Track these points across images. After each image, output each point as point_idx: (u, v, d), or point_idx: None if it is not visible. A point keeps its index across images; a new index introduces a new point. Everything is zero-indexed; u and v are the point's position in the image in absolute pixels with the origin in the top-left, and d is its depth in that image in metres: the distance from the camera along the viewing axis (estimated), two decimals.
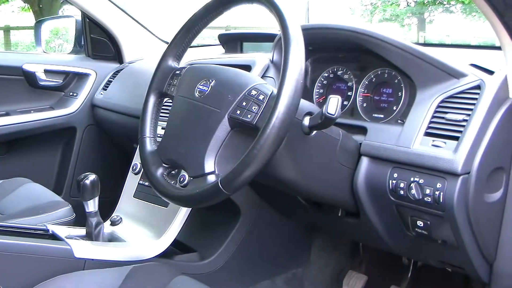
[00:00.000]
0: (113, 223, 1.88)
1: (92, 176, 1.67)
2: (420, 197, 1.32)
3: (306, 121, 1.30)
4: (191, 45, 1.51)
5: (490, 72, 1.40)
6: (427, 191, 1.31)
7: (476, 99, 1.33)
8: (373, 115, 1.60)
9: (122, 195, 2.00)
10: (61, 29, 3.38)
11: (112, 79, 2.71)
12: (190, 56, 2.02)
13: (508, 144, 1.34)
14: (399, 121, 1.52)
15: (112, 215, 1.92)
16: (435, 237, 1.39)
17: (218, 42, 2.60)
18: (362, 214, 1.53)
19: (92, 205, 1.68)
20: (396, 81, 1.57)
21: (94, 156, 2.82)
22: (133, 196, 1.96)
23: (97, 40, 2.85)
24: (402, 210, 1.40)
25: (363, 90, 1.65)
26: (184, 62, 1.62)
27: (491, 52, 1.70)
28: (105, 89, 2.69)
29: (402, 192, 1.36)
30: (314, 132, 1.32)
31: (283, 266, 2.19)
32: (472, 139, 1.27)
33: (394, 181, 1.38)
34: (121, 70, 2.72)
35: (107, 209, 1.94)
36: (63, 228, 1.72)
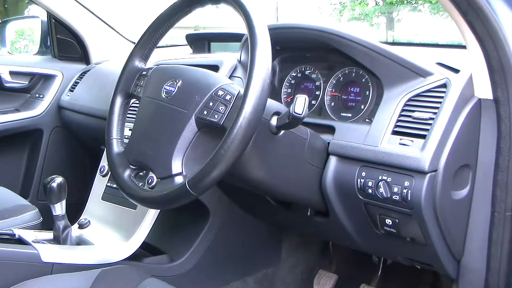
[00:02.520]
0: (81, 226, 1.86)
1: (59, 179, 1.65)
2: (388, 196, 1.33)
3: (274, 121, 1.30)
4: (158, 45, 1.50)
5: (456, 71, 1.41)
6: (395, 190, 1.32)
7: (442, 97, 1.34)
8: (341, 114, 1.60)
9: (90, 197, 1.99)
10: (27, 30, 3.35)
11: (79, 80, 2.68)
12: (157, 57, 2.01)
13: (473, 141, 1.35)
14: (367, 120, 1.53)
15: (80, 218, 1.91)
16: (403, 235, 1.40)
17: (186, 42, 2.59)
18: (331, 213, 1.53)
19: (59, 208, 1.66)
20: (363, 80, 1.58)
21: (61, 158, 2.79)
22: (101, 199, 1.95)
23: (63, 41, 2.82)
24: (370, 208, 1.41)
25: (331, 89, 1.65)
26: (151, 62, 1.61)
27: (458, 51, 1.71)
28: (72, 91, 2.67)
29: (370, 190, 1.36)
30: (282, 132, 1.33)
31: (253, 266, 2.19)
32: (439, 137, 1.28)
33: (362, 180, 1.38)
34: (88, 71, 2.70)
35: (74, 212, 1.93)
36: (30, 232, 1.70)
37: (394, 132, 1.36)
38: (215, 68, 1.79)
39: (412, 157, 1.29)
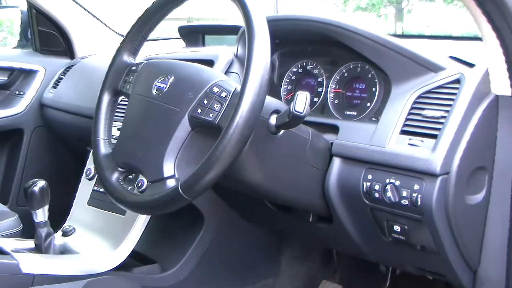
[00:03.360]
0: (65, 234, 1.86)
1: (41, 183, 1.65)
2: (396, 200, 1.33)
3: (273, 119, 1.31)
4: (148, 38, 1.50)
5: (471, 65, 1.41)
6: (404, 194, 1.32)
7: (455, 94, 1.34)
8: (345, 112, 1.61)
9: (75, 203, 1.99)
10: (5, 21, 3.34)
11: (62, 76, 2.68)
12: (147, 51, 2.01)
13: (490, 141, 1.35)
14: (373, 118, 1.53)
15: (64, 225, 1.91)
16: (413, 243, 1.40)
17: (178, 35, 2.60)
18: (334, 219, 1.54)
19: (41, 215, 1.67)
20: (369, 75, 1.58)
21: (44, 160, 2.79)
22: (87, 204, 1.95)
23: (45, 33, 2.81)
24: (377, 214, 1.41)
25: (334, 85, 1.66)
26: (141, 57, 1.61)
27: (473, 43, 1.71)
28: (55, 87, 2.67)
29: (377, 194, 1.37)
30: (282, 131, 1.33)
31: (251, 276, 2.19)
32: (451, 137, 1.28)
33: (368, 183, 1.38)
34: (73, 66, 2.70)
35: (58, 219, 1.92)
36: (9, 240, 1.70)
37: (403, 132, 1.36)
38: (209, 63, 1.79)
39: (422, 159, 1.29)
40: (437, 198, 1.28)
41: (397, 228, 1.39)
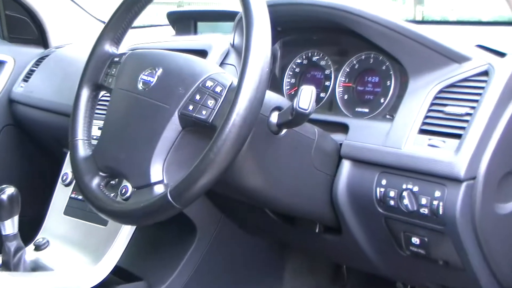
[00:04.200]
0: (37, 248, 1.85)
1: (10, 190, 1.65)
2: (415, 209, 1.33)
3: (274, 117, 1.31)
4: (133, 25, 1.51)
5: (501, 54, 1.40)
6: (423, 201, 1.31)
7: (482, 87, 1.33)
8: (356, 109, 1.61)
9: (49, 212, 1.99)
10: None
11: (35, 68, 2.68)
12: (132, 40, 2.01)
13: None
14: (387, 116, 1.53)
15: (37, 238, 1.90)
16: (434, 257, 1.40)
17: (167, 22, 2.60)
18: (344, 229, 1.54)
19: (10, 226, 1.66)
20: (383, 67, 1.58)
21: (13, 164, 2.78)
22: (63, 213, 1.95)
23: (14, 19, 2.81)
24: (392, 224, 1.41)
25: (343, 79, 1.66)
26: (125, 47, 1.62)
27: (505, 29, 1.70)
28: (26, 81, 2.66)
29: (392, 202, 1.36)
30: (284, 130, 1.33)
31: None
32: (478, 137, 1.27)
33: (382, 189, 1.38)
34: (46, 56, 2.70)
35: (30, 231, 1.92)
36: None
37: (422, 131, 1.36)
38: (202, 53, 1.80)
39: (444, 162, 1.29)
40: (462, 206, 1.27)
41: (415, 240, 1.39)
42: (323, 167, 1.47)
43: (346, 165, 1.47)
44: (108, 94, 1.46)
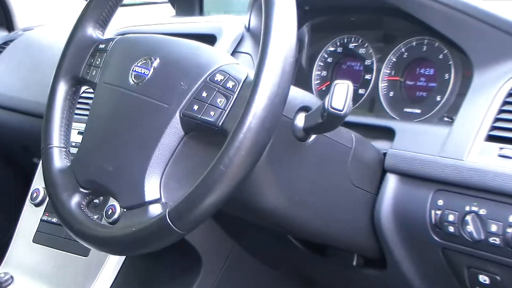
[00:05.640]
0: None
1: None
2: (482, 237, 1.31)
3: (300, 120, 1.30)
4: (123, 2, 1.50)
5: None
6: (493, 228, 1.29)
7: None
8: (405, 109, 1.61)
9: (14, 239, 1.99)
10: None
11: None
12: (122, 21, 2.01)
13: None
14: (445, 118, 1.53)
15: None
16: None
17: None
18: (389, 262, 1.53)
19: None
20: (440, 56, 1.58)
21: None
22: (33, 241, 1.95)
23: None
24: (452, 257, 1.40)
25: (388, 71, 1.66)
26: (112, 31, 1.61)
27: None
28: None
29: (451, 228, 1.35)
30: (313, 137, 1.32)
31: None
32: None
33: (438, 212, 1.37)
34: (11, 41, 2.72)
35: None
36: None
37: (490, 138, 1.35)
38: (210, 39, 1.80)
39: None
40: None
41: (484, 279, 1.38)
42: (362, 183, 1.47)
43: (391, 181, 1.46)
44: (91, 90, 1.46)
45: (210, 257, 1.98)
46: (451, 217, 1.34)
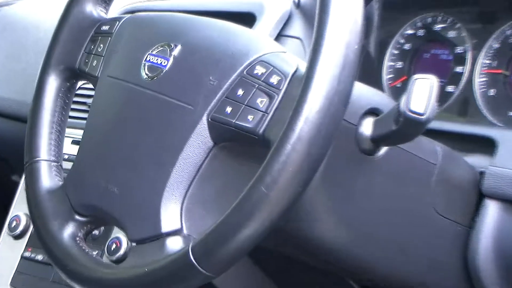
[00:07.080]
0: None
1: None
2: None
3: (367, 126, 1.30)
4: None
5: None
6: None
7: None
8: (510, 113, 1.60)
9: None
10: None
11: None
12: None
13: None
14: None
15: None
16: None
17: None
18: None
19: None
20: None
21: None
22: (10, 284, 1.96)
23: None
24: None
25: (488, 62, 1.65)
26: (118, 8, 1.63)
27: None
28: None
29: None
30: (384, 149, 1.33)
31: None
32: None
33: None
34: None
35: None
36: None
37: None
38: (248, 19, 1.81)
39: None
40: None
41: None
42: (450, 211, 1.46)
43: (492, 209, 1.45)
44: (90, 86, 1.46)
45: None
46: None
